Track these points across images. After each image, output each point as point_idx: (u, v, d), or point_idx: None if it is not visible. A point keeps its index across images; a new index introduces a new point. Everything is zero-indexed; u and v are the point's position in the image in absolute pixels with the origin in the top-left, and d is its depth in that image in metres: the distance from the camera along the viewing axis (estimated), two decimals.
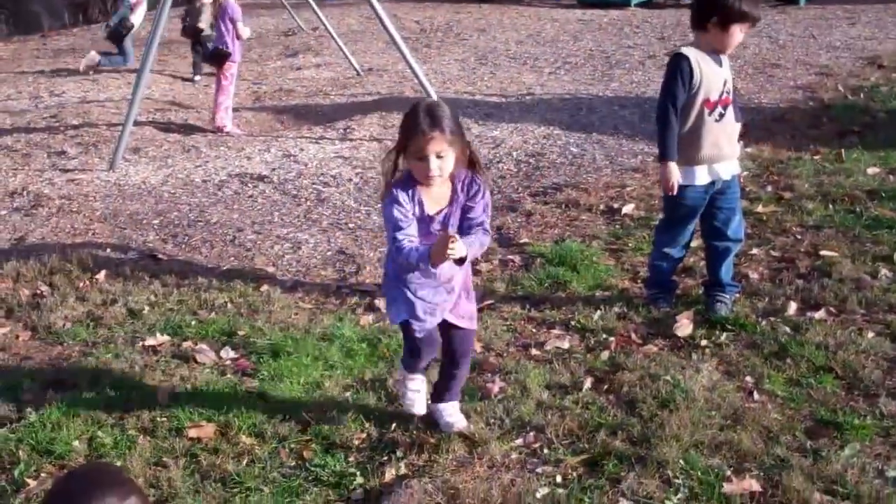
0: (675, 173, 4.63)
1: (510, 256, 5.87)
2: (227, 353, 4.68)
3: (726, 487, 3.37)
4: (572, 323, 4.91)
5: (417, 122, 3.33)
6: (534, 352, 4.62)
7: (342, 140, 8.75)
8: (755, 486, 3.38)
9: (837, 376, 4.25)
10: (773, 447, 3.67)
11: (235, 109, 9.28)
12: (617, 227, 6.32)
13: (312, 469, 3.66)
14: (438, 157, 3.34)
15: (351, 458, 3.71)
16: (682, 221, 4.90)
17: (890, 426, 3.83)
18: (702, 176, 4.65)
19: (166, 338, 4.86)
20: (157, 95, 10.51)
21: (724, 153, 4.64)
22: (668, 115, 4.58)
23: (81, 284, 5.56)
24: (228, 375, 4.46)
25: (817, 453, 3.63)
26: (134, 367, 4.51)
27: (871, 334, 4.62)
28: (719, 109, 4.58)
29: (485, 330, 4.83)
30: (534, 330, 4.88)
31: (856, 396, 4.10)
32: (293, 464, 3.72)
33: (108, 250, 6.15)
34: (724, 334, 4.68)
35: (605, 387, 4.22)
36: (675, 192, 4.68)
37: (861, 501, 3.30)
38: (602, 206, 6.68)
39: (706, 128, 4.58)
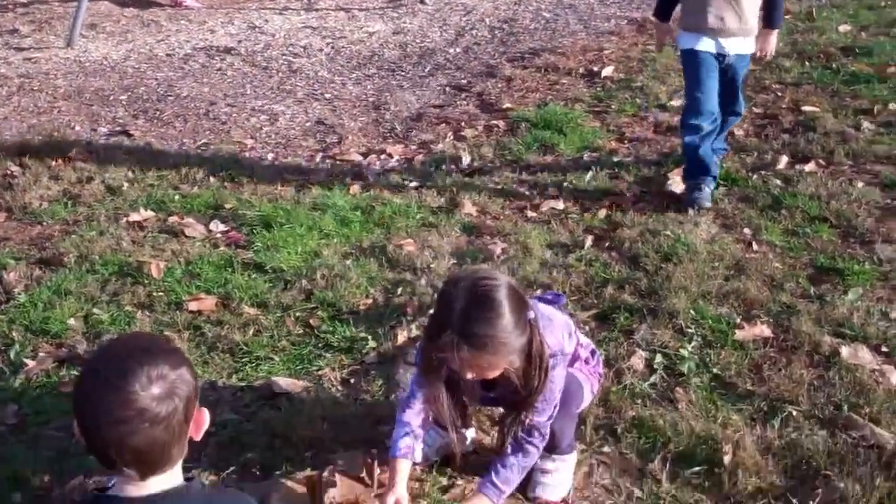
0: (663, 30, 4.83)
1: (494, 122, 5.77)
2: (217, 227, 4.57)
3: (738, 334, 3.40)
4: (565, 184, 4.86)
5: (447, 327, 2.30)
6: (530, 214, 4.59)
7: (307, 10, 8.46)
8: (766, 331, 3.42)
9: (832, 225, 4.29)
10: (778, 294, 3.71)
11: None
12: (598, 89, 6.23)
13: (321, 336, 3.62)
14: (477, 367, 2.40)
15: (360, 324, 3.67)
16: (699, 83, 4.47)
17: (888, 270, 3.88)
18: (707, 44, 4.43)
19: (150, 213, 4.73)
20: None
21: (728, 27, 4.40)
22: None
23: (54, 163, 5.36)
24: (222, 248, 4.36)
25: (822, 298, 3.67)
26: (121, 244, 4.40)
27: (860, 184, 4.66)
28: None
29: (478, 194, 4.78)
30: (527, 192, 4.83)
31: (852, 244, 4.14)
32: (301, 332, 3.67)
33: (77, 128, 5.94)
34: (718, 189, 4.67)
35: (607, 244, 4.21)
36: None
37: (869, 342, 3.35)
38: (581, 70, 6.58)
39: None
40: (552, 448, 2.63)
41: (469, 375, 2.40)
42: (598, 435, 2.95)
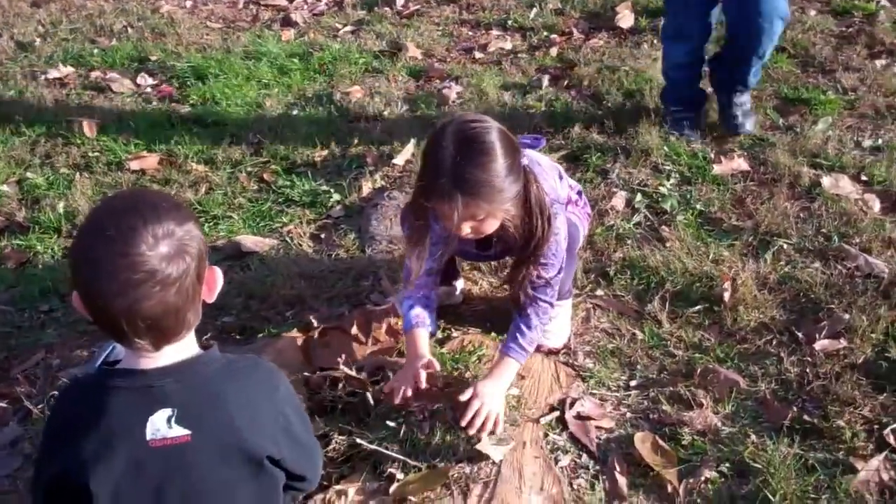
0: None
1: None
2: (145, 80, 4.26)
3: (716, 169, 3.31)
4: (509, 23, 4.65)
5: (438, 175, 2.07)
6: (478, 55, 4.38)
7: None
8: (744, 164, 3.33)
9: (790, 55, 4.19)
10: None
11: None
12: None
13: (280, 191, 3.41)
14: (472, 219, 2.17)
15: (318, 177, 3.47)
16: None
17: (853, 99, 3.81)
18: None
19: (70, 69, 4.38)
20: None
21: None
22: None
23: None
24: (155, 103, 4.07)
25: (793, 129, 3.59)
26: (44, 103, 4.07)
27: (813, 12, 4.56)
28: None
29: (420, 36, 4.54)
30: (470, 33, 4.61)
31: (812, 73, 4.06)
32: (256, 187, 3.46)
33: None
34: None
35: (565, 83, 4.04)
36: None
37: (847, 171, 3.29)
38: None
39: None
40: None
41: (466, 231, 2.18)
42: (589, 279, 2.84)
